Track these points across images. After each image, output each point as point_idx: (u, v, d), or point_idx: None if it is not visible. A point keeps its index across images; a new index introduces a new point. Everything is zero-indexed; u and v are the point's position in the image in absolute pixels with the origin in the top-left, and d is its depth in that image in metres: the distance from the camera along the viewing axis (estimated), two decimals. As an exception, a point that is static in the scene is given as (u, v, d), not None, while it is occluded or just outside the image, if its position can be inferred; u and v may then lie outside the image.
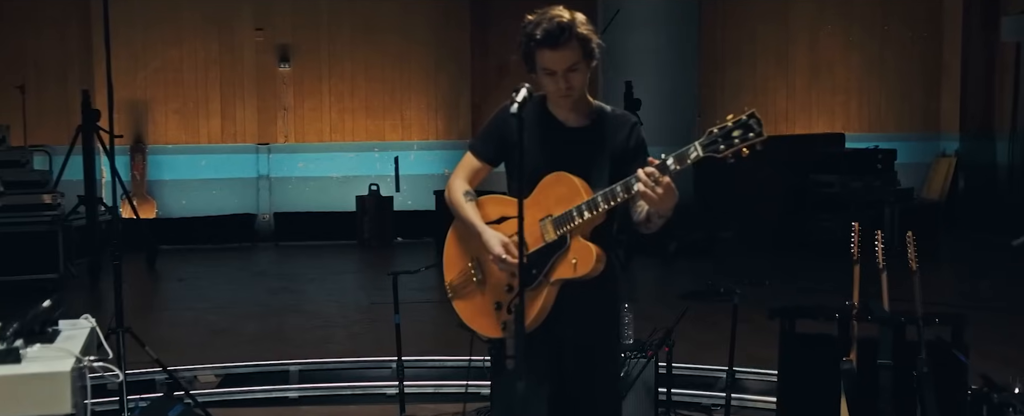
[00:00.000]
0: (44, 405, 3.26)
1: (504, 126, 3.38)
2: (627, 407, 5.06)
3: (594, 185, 3.24)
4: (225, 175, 12.59)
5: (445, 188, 3.55)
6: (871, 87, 13.75)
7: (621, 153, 3.35)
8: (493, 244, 3.26)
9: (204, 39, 12.45)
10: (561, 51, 3.23)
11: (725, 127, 3.06)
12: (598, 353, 3.37)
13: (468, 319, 3.43)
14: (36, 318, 3.57)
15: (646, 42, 12.35)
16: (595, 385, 3.37)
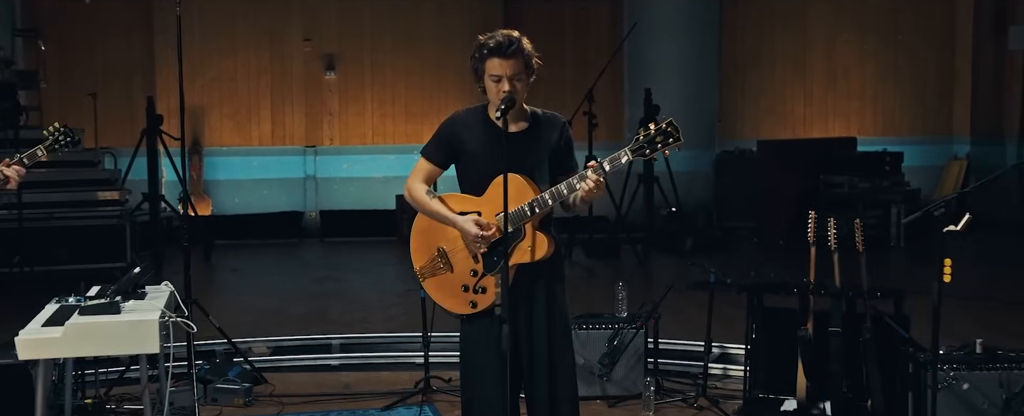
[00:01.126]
0: (138, 345, 4.16)
1: (450, 134, 3.98)
2: (618, 372, 5.92)
3: (537, 181, 3.86)
4: (275, 175, 13.52)
5: (404, 190, 4.08)
6: (886, 93, 14.41)
7: (555, 150, 3.96)
8: (469, 228, 3.84)
9: (256, 49, 13.40)
10: (508, 60, 3.82)
11: (649, 134, 3.70)
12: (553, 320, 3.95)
13: (438, 299, 4.00)
14: (129, 281, 4.47)
15: (669, 50, 13.13)
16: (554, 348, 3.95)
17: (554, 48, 14.09)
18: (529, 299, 3.92)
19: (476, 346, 3.94)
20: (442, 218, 3.97)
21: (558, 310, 3.98)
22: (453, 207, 3.97)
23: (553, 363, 3.94)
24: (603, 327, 5.96)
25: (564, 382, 3.96)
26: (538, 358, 3.93)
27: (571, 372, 4.01)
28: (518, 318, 3.91)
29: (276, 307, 8.62)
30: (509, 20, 13.88)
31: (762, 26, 14.12)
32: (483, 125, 3.91)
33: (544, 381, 3.93)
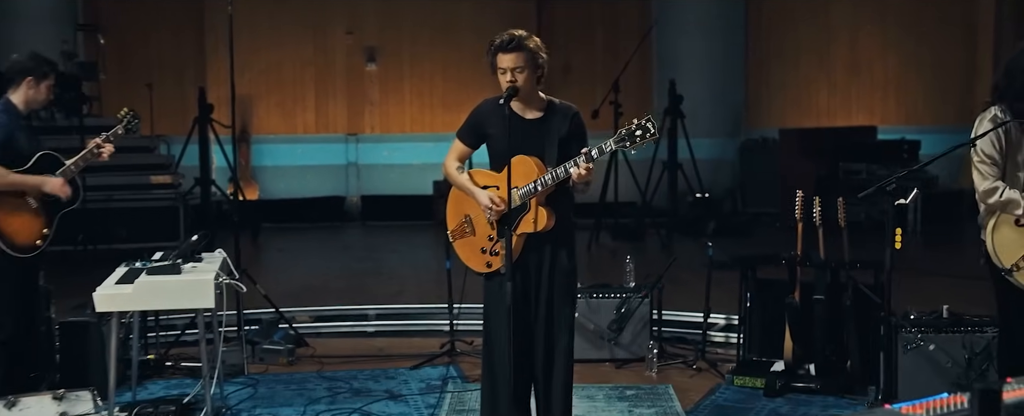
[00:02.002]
0: (195, 301, 4.83)
1: (477, 120, 4.63)
2: (626, 337, 6.51)
3: (547, 163, 4.45)
4: (318, 162, 14.22)
5: (442, 166, 4.73)
6: (908, 83, 14.81)
7: (565, 137, 4.52)
8: (483, 199, 4.48)
9: (301, 43, 14.09)
10: (510, 54, 4.42)
11: (630, 128, 4.25)
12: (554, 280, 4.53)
13: (463, 258, 4.68)
14: (189, 247, 5.14)
15: (696, 43, 13.67)
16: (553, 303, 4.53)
17: (585, 40, 14.68)
18: (537, 263, 4.54)
19: (492, 299, 4.58)
20: (466, 190, 4.62)
21: (560, 272, 4.57)
22: (478, 181, 4.61)
23: (552, 316, 4.54)
24: (612, 296, 6.56)
25: (561, 331, 4.56)
26: (541, 311, 4.54)
27: (568, 325, 4.59)
28: (528, 278, 4.52)
29: (318, 282, 9.29)
30: (542, 14, 14.48)
31: (786, 20, 14.58)
32: (499, 112, 4.50)
33: (543, 330, 4.54)
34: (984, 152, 4.63)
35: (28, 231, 5.10)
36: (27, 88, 5.20)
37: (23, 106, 5.23)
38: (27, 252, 5.08)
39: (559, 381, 4.62)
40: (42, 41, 12.35)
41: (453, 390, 5.90)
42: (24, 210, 5.11)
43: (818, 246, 5.94)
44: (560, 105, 4.59)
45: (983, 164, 4.63)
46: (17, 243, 5.03)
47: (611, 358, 6.49)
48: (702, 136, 12.97)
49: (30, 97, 5.22)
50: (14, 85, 5.22)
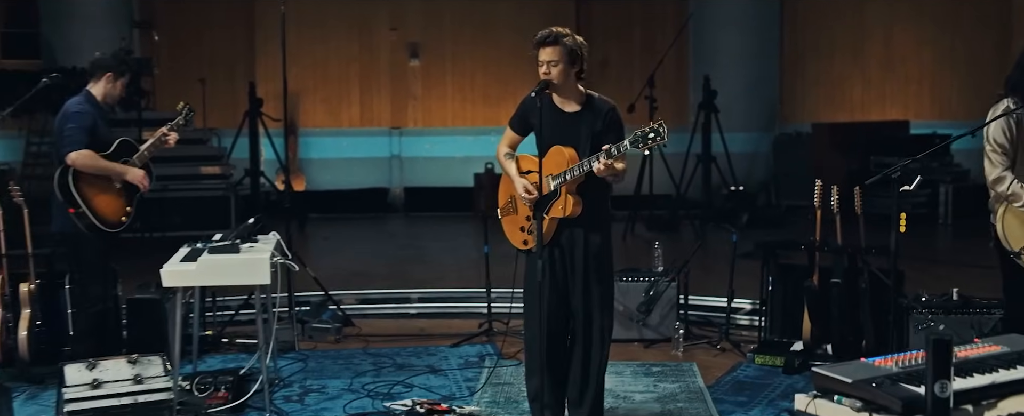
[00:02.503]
0: (252, 278, 5.26)
1: (523, 110, 5.02)
2: (654, 318, 6.87)
3: (581, 153, 4.79)
4: (363, 155, 14.66)
5: (496, 151, 5.15)
6: (942, 79, 14.99)
7: (599, 131, 4.85)
8: (519, 187, 4.89)
9: (346, 39, 14.55)
10: (547, 49, 4.78)
11: (644, 132, 4.59)
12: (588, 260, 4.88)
13: (508, 233, 5.10)
14: (246, 229, 5.57)
15: (731, 39, 13.95)
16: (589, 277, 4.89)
17: (623, 36, 15.01)
18: (570, 245, 4.91)
19: (528, 274, 4.98)
20: (509, 175, 5.04)
21: (592, 255, 4.92)
22: (522, 166, 5.01)
23: (586, 295, 4.90)
24: (641, 279, 6.92)
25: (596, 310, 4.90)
26: (576, 285, 4.91)
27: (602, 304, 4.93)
28: (562, 258, 4.90)
29: (363, 268, 9.72)
30: (581, 11, 14.82)
31: (821, 17, 14.80)
32: (547, 103, 4.88)
33: (581, 301, 4.90)
34: (995, 141, 4.95)
35: (114, 209, 5.61)
36: (106, 83, 5.67)
37: (101, 98, 5.70)
38: (114, 228, 5.59)
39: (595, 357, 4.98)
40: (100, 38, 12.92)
41: (490, 366, 6.29)
42: (110, 191, 5.64)
43: (836, 233, 6.27)
44: (598, 100, 4.94)
45: (994, 153, 4.96)
46: (106, 219, 5.54)
47: (640, 338, 6.86)
48: (737, 130, 13.27)
49: (107, 91, 5.69)
50: (94, 79, 5.69)
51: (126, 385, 4.48)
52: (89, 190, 5.51)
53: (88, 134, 5.54)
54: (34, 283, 6.15)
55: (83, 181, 5.50)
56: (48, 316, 6.20)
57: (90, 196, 5.51)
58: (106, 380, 4.47)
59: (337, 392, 5.79)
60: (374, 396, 5.69)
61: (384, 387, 5.87)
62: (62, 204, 5.52)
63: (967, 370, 2.82)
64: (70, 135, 5.51)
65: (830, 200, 6.27)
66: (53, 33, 13.32)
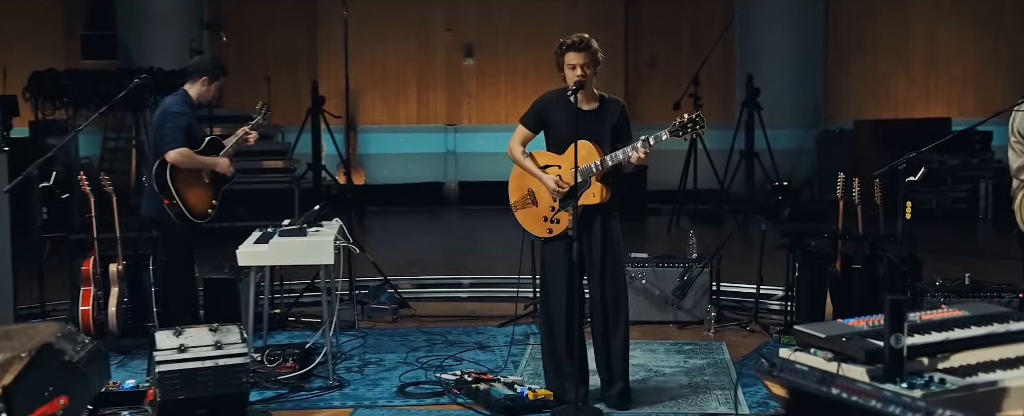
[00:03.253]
0: (318, 258, 5.84)
1: (540, 108, 5.47)
2: (688, 302, 7.36)
3: (603, 147, 5.30)
4: (419, 150, 15.26)
5: (507, 148, 5.64)
6: (986, 78, 15.23)
7: (615, 126, 5.39)
8: (550, 182, 5.37)
9: (404, 39, 15.15)
10: (580, 53, 5.26)
11: (683, 122, 5.13)
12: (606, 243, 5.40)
13: (525, 225, 5.58)
14: (312, 215, 6.17)
15: (777, 38, 14.33)
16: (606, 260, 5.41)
17: (670, 35, 15.45)
18: (590, 230, 5.42)
19: (552, 259, 5.47)
20: (533, 173, 5.53)
21: (611, 237, 5.46)
22: (539, 161, 5.51)
23: (605, 269, 5.42)
24: (676, 265, 7.41)
25: (613, 288, 5.43)
26: (596, 266, 5.43)
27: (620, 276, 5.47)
28: (583, 241, 5.38)
29: (419, 257, 10.30)
30: (629, 11, 15.29)
31: (866, 16, 15.12)
32: (564, 103, 5.39)
33: (599, 280, 5.42)
34: (1020, 132, 5.39)
35: (202, 202, 6.23)
36: (201, 85, 6.26)
37: (196, 99, 6.30)
38: (201, 218, 6.20)
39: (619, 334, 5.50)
40: (171, 39, 13.69)
41: (533, 343, 6.83)
42: (200, 184, 6.25)
43: (858, 222, 6.72)
44: (610, 99, 5.48)
45: (1019, 143, 5.40)
46: (195, 211, 6.15)
47: (674, 320, 7.35)
48: (782, 127, 13.66)
49: (202, 93, 6.28)
50: (191, 80, 6.29)
51: (208, 350, 5.06)
52: (182, 184, 6.10)
53: (185, 133, 6.12)
54: (122, 264, 6.80)
55: (177, 175, 6.09)
56: (133, 294, 6.85)
57: (182, 189, 6.10)
58: (191, 345, 5.06)
59: (393, 364, 6.36)
60: (427, 368, 6.25)
61: (436, 360, 6.42)
62: (157, 194, 6.10)
63: (927, 329, 3.30)
64: (170, 134, 6.08)
65: (851, 191, 6.72)
66: (128, 34, 14.07)
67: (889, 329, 2.98)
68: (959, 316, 3.44)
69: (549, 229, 5.50)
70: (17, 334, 3.09)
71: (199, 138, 6.27)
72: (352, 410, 5.47)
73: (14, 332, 3.11)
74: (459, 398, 5.61)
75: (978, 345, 3.27)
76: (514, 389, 5.49)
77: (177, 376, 4.95)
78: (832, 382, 2.65)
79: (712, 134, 12.82)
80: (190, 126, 6.20)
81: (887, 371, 2.99)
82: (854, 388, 2.57)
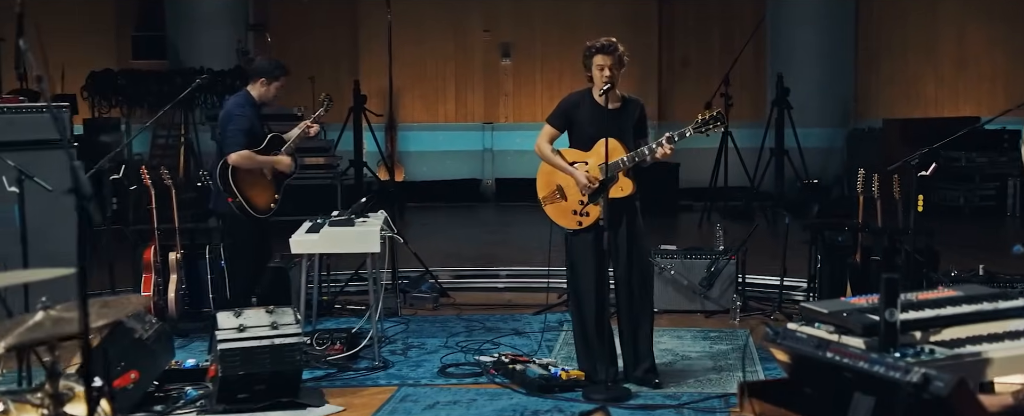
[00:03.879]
0: (365, 247, 6.25)
1: (567, 108, 5.88)
2: (714, 292, 7.70)
3: (625, 144, 5.68)
4: (457, 148, 15.68)
5: (535, 146, 6.07)
6: (1016, 77, 15.41)
7: (635, 124, 5.81)
8: (581, 178, 5.77)
9: (442, 39, 15.57)
10: (607, 56, 5.66)
11: (706, 119, 5.51)
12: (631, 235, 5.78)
13: (554, 218, 5.98)
14: (359, 206, 6.58)
15: (808, 38, 14.61)
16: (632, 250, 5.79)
17: (702, 36, 15.77)
18: (617, 222, 5.79)
19: (582, 250, 5.86)
20: (563, 169, 5.92)
21: (636, 227, 5.85)
22: (567, 157, 5.91)
23: (631, 258, 5.79)
24: (704, 257, 7.76)
25: (639, 272, 5.80)
26: (623, 255, 5.80)
27: (647, 267, 5.86)
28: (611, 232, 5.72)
29: (457, 250, 10.70)
30: (662, 11, 15.61)
31: (895, 16, 15.36)
32: (589, 102, 5.78)
33: (626, 268, 5.80)
34: None
35: (264, 197, 6.59)
36: (261, 86, 6.64)
37: (257, 99, 6.68)
38: (264, 214, 6.57)
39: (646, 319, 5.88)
40: (219, 40, 14.18)
41: (567, 329, 7.20)
42: (262, 182, 6.60)
43: (877, 216, 7.04)
44: (631, 98, 5.87)
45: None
46: (258, 207, 6.54)
47: (702, 310, 7.70)
48: (812, 126, 13.94)
49: (262, 93, 6.66)
50: (252, 81, 6.68)
51: (265, 330, 5.47)
52: (243, 183, 6.47)
53: (246, 135, 6.48)
54: (180, 253, 7.25)
55: (238, 175, 6.46)
56: (190, 281, 7.30)
57: (244, 188, 6.47)
58: (249, 325, 5.47)
59: (434, 348, 6.76)
60: (466, 351, 6.65)
61: (475, 344, 6.81)
62: (221, 191, 6.50)
63: (921, 306, 3.64)
64: (232, 136, 6.44)
65: (871, 186, 7.03)
66: (177, 35, 14.57)
67: (884, 304, 3.33)
68: (952, 296, 3.78)
69: (579, 222, 5.88)
70: (114, 304, 3.50)
71: (260, 136, 6.64)
72: (397, 388, 5.88)
73: (111, 302, 3.52)
74: (497, 378, 6.00)
75: (967, 321, 3.60)
76: (548, 370, 5.87)
77: (237, 353, 5.36)
78: (827, 347, 3.00)
79: (743, 132, 13.23)
80: (251, 126, 6.55)
81: (882, 342, 3.33)
82: (845, 352, 2.92)
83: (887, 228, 7.02)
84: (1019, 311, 3.70)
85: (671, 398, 5.65)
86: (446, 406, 5.55)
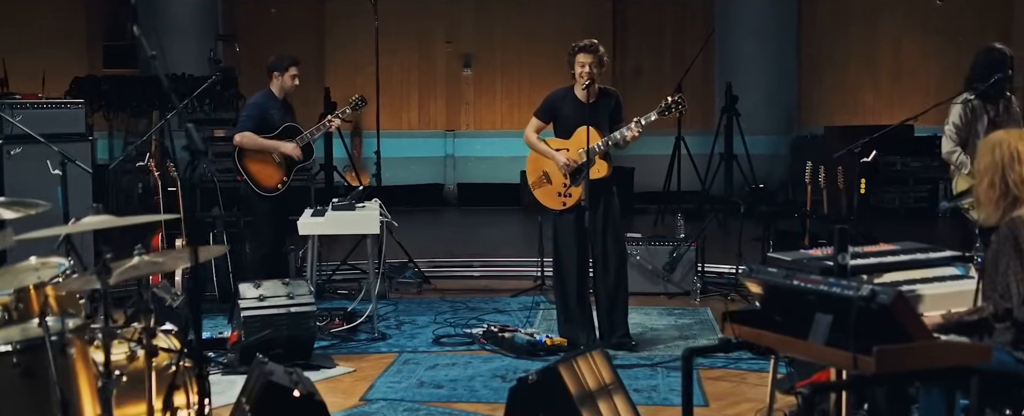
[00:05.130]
0: (366, 228, 6.89)
1: (551, 102, 6.61)
2: (676, 275, 8.41)
3: (602, 131, 6.39)
4: (420, 154, 16.28)
5: (524, 136, 6.70)
6: (948, 88, 16.31)
7: (610, 114, 6.54)
8: (561, 159, 6.45)
9: (407, 49, 16.19)
10: (589, 55, 6.39)
11: (668, 103, 6.30)
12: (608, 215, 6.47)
13: (542, 200, 6.62)
14: (357, 194, 7.24)
15: (753, 48, 15.43)
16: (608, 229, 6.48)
17: (655, 45, 16.57)
18: (596, 203, 6.47)
19: (565, 229, 6.54)
20: (547, 154, 6.61)
21: (613, 211, 6.55)
22: (551, 145, 6.60)
23: (608, 234, 6.48)
24: (666, 244, 8.47)
25: (615, 249, 6.49)
26: (600, 231, 6.49)
27: (622, 244, 6.56)
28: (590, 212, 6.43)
29: (427, 247, 11.30)
30: (616, 22, 16.39)
31: (836, 28, 16.26)
32: (571, 97, 6.50)
33: (602, 248, 6.49)
34: (953, 123, 6.51)
35: (271, 178, 7.26)
36: (275, 79, 7.36)
37: (278, 92, 7.36)
38: (270, 192, 7.21)
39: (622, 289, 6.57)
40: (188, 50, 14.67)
41: (543, 308, 7.87)
42: (270, 164, 7.30)
43: (823, 204, 7.80)
44: (607, 90, 6.62)
45: (951, 132, 6.51)
46: (263, 185, 7.18)
47: (665, 292, 8.39)
48: (759, 133, 14.74)
49: (280, 85, 7.36)
50: (270, 79, 7.39)
51: (282, 299, 6.08)
52: (250, 163, 7.16)
53: (255, 121, 7.22)
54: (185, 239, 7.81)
55: (245, 156, 7.15)
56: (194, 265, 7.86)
57: (251, 168, 7.16)
58: (268, 296, 6.07)
59: (425, 324, 7.41)
60: (454, 326, 7.28)
61: (461, 320, 7.46)
62: None
63: (867, 256, 4.37)
64: (241, 122, 7.31)
65: (818, 178, 7.80)
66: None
67: (837, 250, 4.05)
68: (892, 249, 4.52)
69: (563, 202, 6.57)
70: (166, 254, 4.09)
71: (274, 125, 7.31)
72: (397, 354, 6.50)
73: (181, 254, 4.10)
74: (487, 345, 6.65)
75: (904, 268, 4.33)
76: (533, 337, 6.53)
77: (258, 320, 5.96)
78: (793, 276, 3.68)
79: (694, 139, 14.01)
80: (264, 116, 7.26)
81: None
82: (808, 279, 3.60)
83: (832, 215, 7.77)
84: (945, 260, 4.45)
85: (645, 359, 6.34)
86: (445, 367, 6.20)
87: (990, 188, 3.85)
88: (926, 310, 4.08)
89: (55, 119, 7.27)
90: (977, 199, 3.96)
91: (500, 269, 9.70)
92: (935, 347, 3.41)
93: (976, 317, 3.82)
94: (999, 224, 3.85)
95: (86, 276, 3.76)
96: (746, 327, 3.80)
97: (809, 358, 3.67)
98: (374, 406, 5.43)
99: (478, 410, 5.39)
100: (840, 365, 3.44)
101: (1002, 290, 3.78)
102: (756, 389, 5.70)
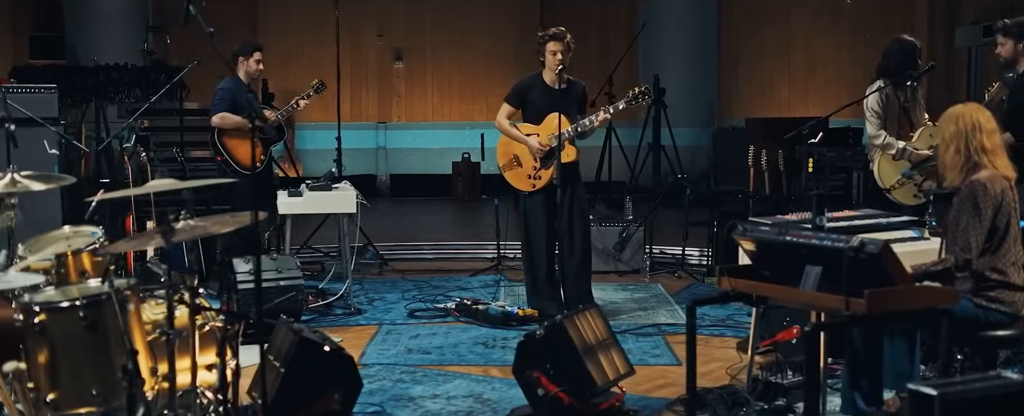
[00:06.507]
0: (342, 207, 7.20)
1: (521, 89, 6.94)
2: (626, 255, 8.87)
3: (570, 118, 6.76)
4: (353, 146, 16.43)
5: (495, 121, 7.04)
6: (858, 81, 17.16)
7: (576, 101, 6.94)
8: (533, 144, 6.83)
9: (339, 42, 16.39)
10: (558, 43, 6.80)
11: (635, 93, 6.72)
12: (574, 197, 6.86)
13: (512, 182, 6.95)
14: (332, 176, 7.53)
15: (675, 44, 16.02)
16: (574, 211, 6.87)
17: (580, 40, 16.95)
18: (564, 185, 6.85)
19: (534, 209, 6.92)
20: (519, 139, 6.97)
21: (578, 192, 6.95)
22: (522, 130, 6.96)
23: (573, 213, 6.88)
24: (616, 224, 8.93)
25: (581, 227, 6.90)
26: (566, 211, 6.87)
27: (586, 223, 6.97)
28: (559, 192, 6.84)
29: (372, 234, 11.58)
30: (544, 17, 16.84)
31: (753, 24, 16.97)
32: (540, 84, 6.88)
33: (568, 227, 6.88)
34: (872, 109, 7.05)
35: (248, 155, 7.46)
36: (240, 65, 7.57)
37: (245, 78, 7.58)
38: (250, 170, 7.43)
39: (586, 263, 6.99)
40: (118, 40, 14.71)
41: (503, 285, 8.26)
42: (245, 142, 7.52)
43: (765, 186, 8.33)
44: (574, 80, 6.99)
45: (873, 117, 7.04)
46: (242, 164, 7.41)
47: (615, 270, 8.85)
48: (682, 125, 15.33)
49: (245, 70, 7.58)
50: (236, 65, 7.59)
51: (272, 273, 6.36)
52: (229, 143, 7.43)
53: (227, 103, 7.46)
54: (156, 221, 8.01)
55: (223, 136, 7.41)
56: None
57: (230, 147, 7.43)
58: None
59: (395, 300, 7.74)
60: (424, 302, 7.63)
61: (428, 297, 7.80)
62: None
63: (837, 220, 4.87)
64: (214, 105, 7.59)
65: (760, 161, 8.32)
66: (76, 36, 15.02)
67: (815, 213, 4.52)
68: (857, 215, 5.03)
69: (533, 184, 6.95)
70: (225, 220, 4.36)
71: (244, 107, 7.54)
72: (378, 326, 6.83)
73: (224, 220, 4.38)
74: (461, 317, 7.01)
75: (869, 230, 4.84)
76: (506, 309, 6.91)
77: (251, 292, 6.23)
78: (785, 232, 4.13)
79: (623, 131, 14.53)
80: (234, 99, 7.51)
81: (813, 241, 4.52)
82: (800, 234, 4.06)
83: (774, 196, 8.31)
84: (904, 224, 4.98)
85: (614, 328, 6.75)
86: (427, 336, 6.55)
87: (956, 154, 4.35)
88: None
89: (30, 103, 7.38)
90: (942, 164, 4.45)
91: (451, 252, 10.05)
92: (915, 290, 3.90)
93: (940, 268, 4.33)
94: (960, 187, 4.36)
95: (147, 234, 4.03)
96: (741, 279, 4.24)
97: (802, 304, 4.14)
98: (371, 369, 5.75)
99: (470, 371, 5.76)
100: (833, 308, 3.89)
101: (962, 244, 4.28)
102: (721, 351, 6.18)
